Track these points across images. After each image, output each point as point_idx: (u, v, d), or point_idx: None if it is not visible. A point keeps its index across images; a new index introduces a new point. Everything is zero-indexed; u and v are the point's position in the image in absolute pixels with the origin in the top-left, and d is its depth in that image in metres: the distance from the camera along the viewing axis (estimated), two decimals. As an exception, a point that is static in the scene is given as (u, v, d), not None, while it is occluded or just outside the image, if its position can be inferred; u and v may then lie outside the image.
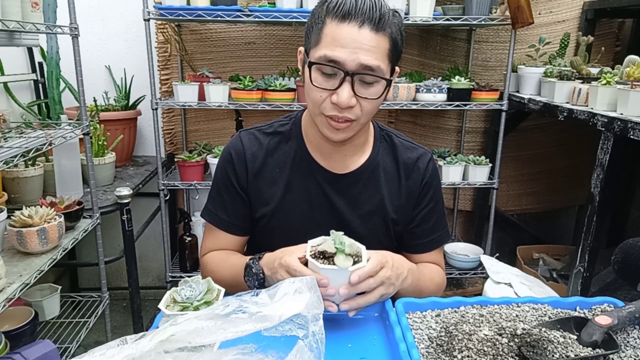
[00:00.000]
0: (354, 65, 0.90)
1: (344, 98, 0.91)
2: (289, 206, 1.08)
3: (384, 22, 0.90)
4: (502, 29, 2.45)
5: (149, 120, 2.38)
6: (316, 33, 0.94)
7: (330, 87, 0.93)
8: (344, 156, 1.08)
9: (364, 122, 0.99)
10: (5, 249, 1.53)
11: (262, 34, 2.46)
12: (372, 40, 0.90)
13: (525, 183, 2.73)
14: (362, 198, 1.09)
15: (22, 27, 1.42)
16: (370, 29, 0.89)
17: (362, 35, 0.89)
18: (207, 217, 1.14)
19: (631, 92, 1.54)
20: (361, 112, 0.95)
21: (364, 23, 0.89)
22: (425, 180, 1.11)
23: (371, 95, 0.94)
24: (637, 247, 1.06)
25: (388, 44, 0.92)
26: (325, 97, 0.94)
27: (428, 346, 0.81)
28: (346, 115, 0.94)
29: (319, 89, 0.94)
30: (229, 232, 1.13)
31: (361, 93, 0.93)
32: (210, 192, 1.16)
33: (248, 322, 0.66)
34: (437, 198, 1.14)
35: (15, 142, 1.44)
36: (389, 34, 0.92)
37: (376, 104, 0.96)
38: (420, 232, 1.12)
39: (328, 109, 0.95)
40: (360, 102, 0.94)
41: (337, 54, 0.90)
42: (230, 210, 1.11)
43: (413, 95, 2.19)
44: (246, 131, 1.14)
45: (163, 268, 2.49)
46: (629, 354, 0.80)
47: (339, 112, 0.94)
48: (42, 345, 1.34)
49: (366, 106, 0.95)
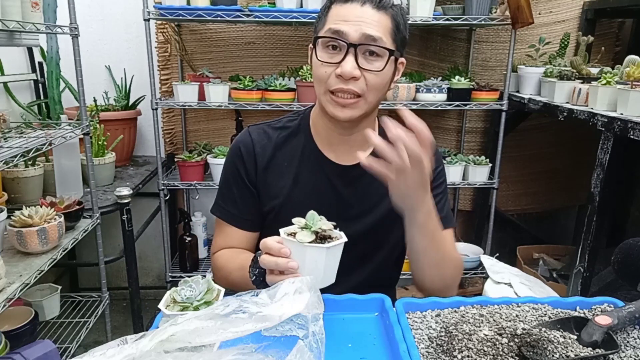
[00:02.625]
0: (357, 35, 0.94)
1: (348, 68, 0.94)
2: (297, 199, 1.08)
3: (384, 3, 0.96)
4: (502, 29, 2.45)
5: (149, 120, 2.38)
6: (322, 19, 1.00)
7: (335, 61, 0.96)
8: (350, 147, 1.09)
9: (370, 101, 1.00)
10: (5, 249, 1.53)
11: (262, 34, 2.46)
12: (374, 16, 0.95)
13: (525, 183, 2.73)
14: (371, 189, 1.09)
15: (22, 27, 1.42)
16: (372, 7, 0.95)
17: (364, 11, 0.95)
18: (217, 213, 1.14)
19: (631, 92, 1.54)
20: (366, 87, 0.98)
21: (365, 2, 0.95)
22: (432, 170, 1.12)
23: (375, 68, 0.96)
24: (637, 247, 1.06)
25: (390, 23, 0.97)
26: (330, 72, 0.97)
27: (428, 346, 0.81)
28: (351, 87, 0.97)
29: (324, 65, 0.98)
30: (240, 227, 1.13)
31: (365, 66, 0.96)
32: (219, 188, 1.16)
33: (248, 322, 0.66)
34: (440, 180, 1.14)
35: (15, 142, 1.44)
36: (391, 14, 0.97)
37: (381, 79, 0.98)
38: None
39: (333, 83, 0.97)
40: (364, 75, 0.97)
41: (341, 26, 0.95)
42: (240, 204, 1.11)
43: (413, 95, 2.19)
44: (255, 126, 1.15)
45: (163, 268, 2.49)
46: (629, 354, 0.80)
47: (345, 84, 0.97)
48: (42, 345, 1.35)
49: (371, 79, 0.97)
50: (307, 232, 0.83)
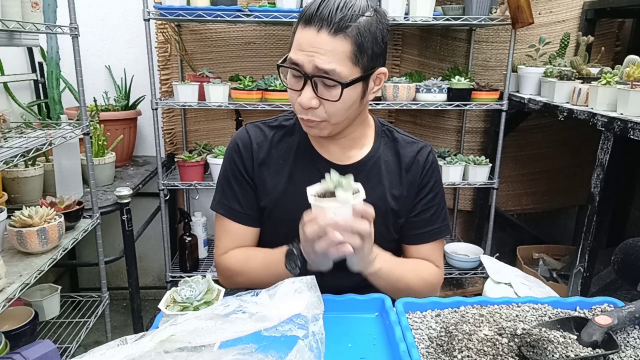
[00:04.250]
0: (310, 67, 0.93)
1: (304, 100, 0.95)
2: (292, 196, 1.09)
3: (342, 25, 0.91)
4: (502, 29, 2.45)
5: (149, 120, 2.38)
6: (292, 37, 1.00)
7: (297, 88, 0.97)
8: (342, 148, 1.10)
9: (336, 122, 1.00)
10: (5, 249, 1.53)
11: (262, 34, 2.46)
12: (328, 44, 0.92)
13: (525, 183, 2.73)
14: (366, 188, 1.09)
15: (22, 27, 1.42)
16: (328, 33, 0.91)
17: (319, 39, 0.92)
18: (220, 210, 1.13)
19: (631, 92, 1.54)
20: (326, 114, 0.98)
21: (321, 27, 0.92)
22: (425, 171, 1.12)
23: (332, 97, 0.95)
24: (637, 247, 1.06)
25: (349, 46, 0.92)
26: (295, 98, 0.99)
27: (428, 346, 0.81)
28: (310, 117, 0.98)
29: (290, 90, 1.00)
30: (244, 223, 1.12)
31: (323, 95, 0.95)
32: (219, 185, 1.15)
33: (248, 322, 0.66)
34: (436, 189, 1.14)
35: (15, 142, 1.44)
36: (350, 36, 0.92)
37: (340, 106, 0.97)
38: (418, 222, 1.13)
39: (297, 109, 1.01)
40: (323, 104, 0.97)
41: (298, 57, 0.95)
42: (242, 200, 1.12)
43: (413, 95, 2.19)
44: (252, 124, 1.16)
45: (163, 268, 2.49)
46: (629, 354, 0.80)
47: (305, 114, 0.99)
48: (42, 345, 1.35)
49: (329, 108, 0.97)
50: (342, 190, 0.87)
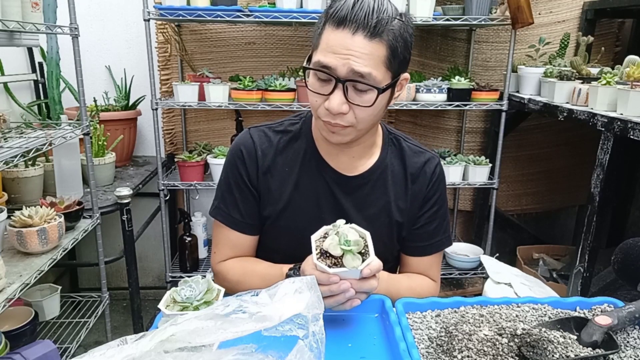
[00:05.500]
0: (344, 70, 0.89)
1: (335, 104, 0.91)
2: (297, 205, 1.07)
3: (379, 29, 0.88)
4: (502, 29, 2.45)
5: (149, 120, 2.38)
6: (316, 38, 0.95)
7: (324, 92, 0.93)
8: (351, 158, 1.08)
9: (362, 128, 0.98)
10: (5, 249, 1.53)
11: (262, 34, 2.46)
12: (364, 47, 0.88)
13: (525, 183, 2.73)
14: (369, 200, 1.09)
15: (22, 27, 1.42)
16: (364, 36, 0.88)
17: (354, 42, 0.88)
18: (219, 217, 1.11)
19: (631, 92, 1.54)
20: (355, 120, 0.94)
21: (357, 30, 0.88)
22: (432, 184, 1.11)
23: (364, 102, 0.92)
24: (637, 247, 1.06)
25: (384, 51, 0.90)
26: (320, 102, 0.94)
27: (428, 346, 0.81)
28: (338, 122, 0.94)
29: (315, 94, 0.95)
30: (244, 232, 1.10)
31: (354, 100, 0.92)
32: (219, 190, 1.13)
33: (248, 322, 0.66)
34: (441, 202, 1.13)
35: (15, 142, 1.44)
36: (386, 40, 0.90)
37: (371, 111, 0.94)
38: (420, 234, 1.12)
39: (322, 114, 0.95)
40: (353, 109, 0.93)
41: (329, 60, 0.90)
42: (243, 209, 1.09)
43: (413, 95, 2.19)
44: (256, 128, 1.12)
45: (163, 268, 2.49)
46: (629, 354, 0.80)
47: (332, 118, 0.94)
48: (42, 345, 1.35)
49: (359, 113, 0.94)
50: (351, 255, 0.86)
